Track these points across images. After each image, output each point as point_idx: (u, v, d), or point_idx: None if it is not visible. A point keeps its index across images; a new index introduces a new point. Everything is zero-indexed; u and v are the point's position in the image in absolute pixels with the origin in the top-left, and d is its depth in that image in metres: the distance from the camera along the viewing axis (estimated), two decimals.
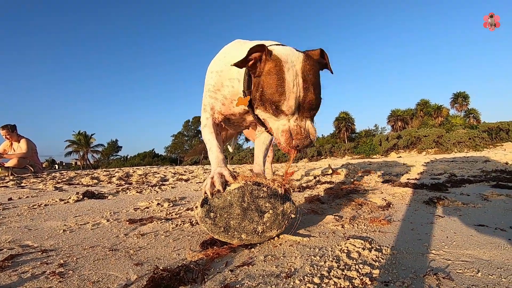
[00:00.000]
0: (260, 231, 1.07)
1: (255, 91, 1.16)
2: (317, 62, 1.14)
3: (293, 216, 1.12)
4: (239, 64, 1.10)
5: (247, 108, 1.33)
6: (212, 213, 1.08)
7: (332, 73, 1.21)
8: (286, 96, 1.04)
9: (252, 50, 1.09)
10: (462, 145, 17.45)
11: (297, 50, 1.13)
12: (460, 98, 35.76)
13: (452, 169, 3.99)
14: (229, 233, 1.07)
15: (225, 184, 1.14)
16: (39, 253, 1.08)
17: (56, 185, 3.45)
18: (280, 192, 1.12)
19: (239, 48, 1.40)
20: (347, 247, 1.03)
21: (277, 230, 1.10)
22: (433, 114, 34.13)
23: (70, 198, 2.38)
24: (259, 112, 1.18)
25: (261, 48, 1.09)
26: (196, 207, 1.64)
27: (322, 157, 22.86)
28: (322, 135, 36.35)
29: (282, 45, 1.23)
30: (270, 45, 1.18)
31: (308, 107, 1.09)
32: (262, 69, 1.10)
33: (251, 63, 1.12)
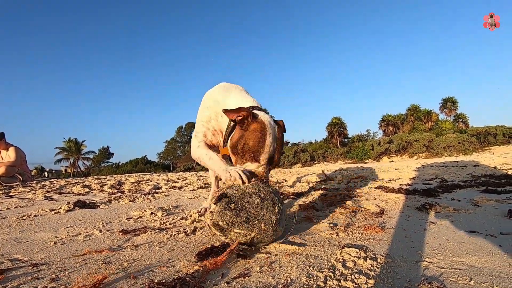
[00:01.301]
0: (274, 222, 1.15)
1: (238, 142, 1.41)
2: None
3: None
4: (230, 113, 1.39)
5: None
6: (233, 204, 1.15)
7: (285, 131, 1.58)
8: (264, 151, 1.35)
9: (242, 110, 1.38)
10: (452, 149, 17.77)
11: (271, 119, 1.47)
12: (449, 103, 36.56)
13: (443, 174, 4.06)
14: (250, 223, 1.13)
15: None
16: (30, 267, 1.06)
17: (46, 194, 3.38)
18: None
19: (223, 93, 1.74)
20: (343, 256, 1.04)
21: (281, 229, 1.21)
22: (423, 119, 34.76)
23: (60, 208, 2.33)
24: (237, 161, 1.44)
25: (248, 110, 1.38)
26: (191, 215, 1.63)
27: (315, 162, 22.99)
28: (315, 140, 36.61)
29: (261, 108, 1.59)
30: (254, 108, 1.52)
31: (274, 164, 1.42)
32: (249, 126, 1.38)
33: (240, 119, 1.38)
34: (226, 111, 1.40)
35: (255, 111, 1.46)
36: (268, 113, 1.52)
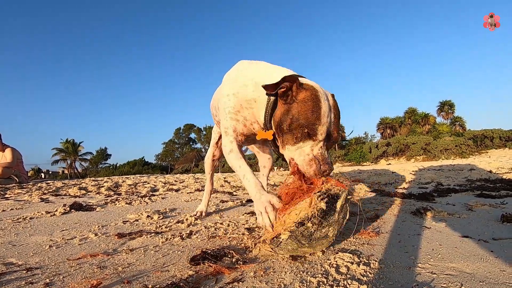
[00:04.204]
0: (331, 236, 1.10)
1: (283, 119, 1.18)
2: None
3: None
4: (270, 88, 1.14)
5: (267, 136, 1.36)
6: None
7: None
8: (321, 122, 1.11)
9: (285, 79, 1.13)
10: (449, 152, 17.86)
11: None
12: (446, 106, 36.80)
13: (439, 177, 4.08)
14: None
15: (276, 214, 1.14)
16: (24, 271, 1.06)
17: (42, 196, 3.37)
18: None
19: (249, 70, 1.45)
20: (336, 261, 1.05)
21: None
22: (420, 122, 34.94)
23: (56, 210, 2.33)
24: (285, 143, 1.19)
25: (293, 79, 1.14)
26: (187, 218, 1.60)
27: None
28: None
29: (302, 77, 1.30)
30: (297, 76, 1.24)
31: (332, 141, 1.18)
32: (295, 97, 1.15)
33: (282, 91, 1.15)
34: (266, 87, 1.14)
35: (300, 78, 1.22)
36: None
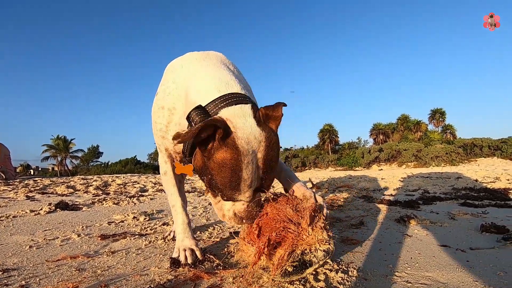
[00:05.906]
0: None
1: (201, 171, 1.00)
2: (276, 128, 0.99)
3: None
4: (187, 138, 0.86)
5: None
6: None
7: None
8: (241, 190, 0.93)
9: (205, 127, 0.86)
10: (440, 159, 18.16)
11: (255, 114, 0.94)
12: (437, 114, 37.47)
13: (426, 185, 4.15)
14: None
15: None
16: (0, 272, 1.04)
17: (28, 194, 3.32)
18: None
19: (187, 82, 1.11)
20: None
21: None
22: (412, 128, 35.47)
23: (41, 209, 2.30)
24: (206, 188, 1.04)
25: (216, 126, 0.88)
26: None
27: (306, 168, 23.16)
28: (307, 146, 36.98)
29: (241, 97, 0.99)
30: (227, 99, 0.96)
31: (265, 187, 0.99)
32: (213, 154, 0.91)
33: (202, 139, 0.90)
34: (182, 137, 0.85)
35: (227, 117, 0.91)
36: (249, 102, 0.99)
